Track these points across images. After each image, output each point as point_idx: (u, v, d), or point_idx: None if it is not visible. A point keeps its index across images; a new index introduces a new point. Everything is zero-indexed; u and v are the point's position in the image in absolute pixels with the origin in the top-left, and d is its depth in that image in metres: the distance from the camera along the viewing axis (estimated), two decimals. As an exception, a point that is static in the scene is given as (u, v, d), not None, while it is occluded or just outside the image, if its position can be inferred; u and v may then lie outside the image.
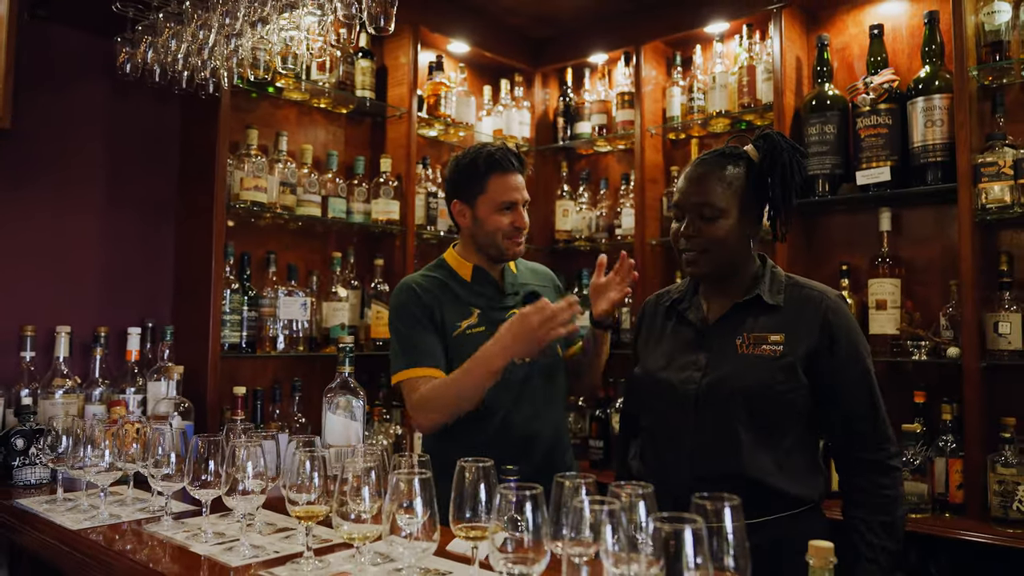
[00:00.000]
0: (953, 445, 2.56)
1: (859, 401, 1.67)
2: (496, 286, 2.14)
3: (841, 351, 1.67)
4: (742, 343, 1.70)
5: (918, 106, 2.72)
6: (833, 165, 2.91)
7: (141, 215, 2.71)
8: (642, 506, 1.05)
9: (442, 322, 2.06)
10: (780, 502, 1.63)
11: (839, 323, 1.68)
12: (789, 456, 1.66)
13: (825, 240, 3.08)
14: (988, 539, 2.33)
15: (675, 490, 1.65)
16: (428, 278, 2.13)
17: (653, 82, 3.48)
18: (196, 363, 2.59)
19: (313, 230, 3.13)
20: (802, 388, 1.66)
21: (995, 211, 2.52)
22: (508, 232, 2.06)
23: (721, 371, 1.69)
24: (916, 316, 2.77)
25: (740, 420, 1.65)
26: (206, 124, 2.64)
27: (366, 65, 3.18)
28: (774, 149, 1.71)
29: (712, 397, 1.68)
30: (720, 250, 1.71)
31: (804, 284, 1.77)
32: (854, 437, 1.68)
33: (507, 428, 2.02)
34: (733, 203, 1.70)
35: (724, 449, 1.66)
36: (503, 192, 2.04)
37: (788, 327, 1.69)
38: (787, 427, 1.68)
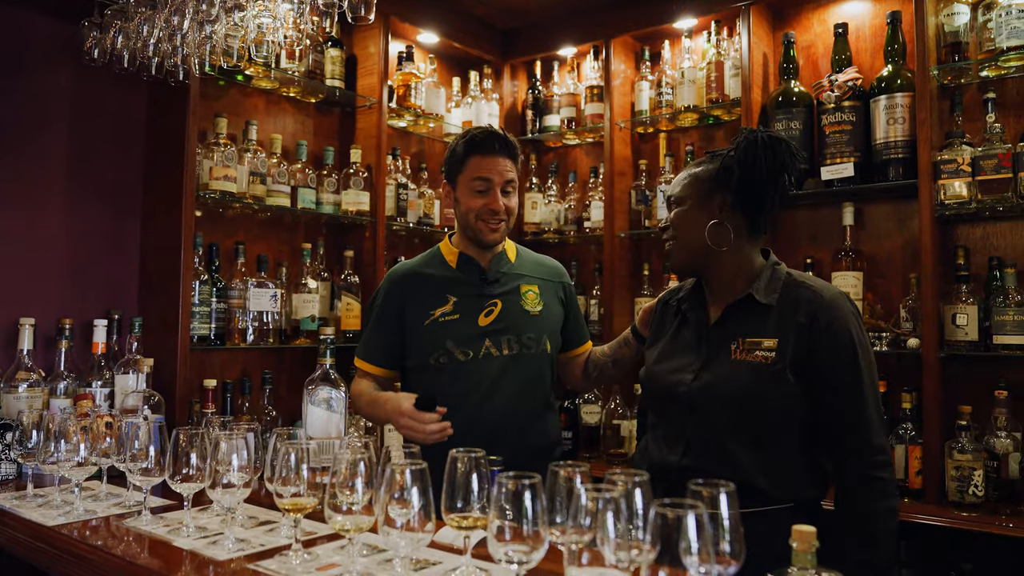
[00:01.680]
0: (913, 433, 2.65)
1: (844, 406, 1.62)
2: (480, 273, 2.13)
3: (828, 355, 1.63)
4: (736, 348, 1.69)
5: (880, 104, 2.79)
6: (799, 160, 2.96)
7: (107, 204, 2.64)
8: (639, 494, 1.07)
9: (409, 316, 2.10)
10: (769, 501, 1.62)
11: (828, 325, 1.63)
12: (780, 463, 1.64)
13: (790, 234, 3.15)
14: (946, 522, 2.42)
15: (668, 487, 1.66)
16: (411, 268, 2.18)
17: (622, 76, 3.51)
18: (165, 355, 2.54)
19: (282, 221, 3.09)
20: (793, 395, 1.63)
21: (954, 207, 2.61)
22: (481, 213, 2.06)
23: (711, 376, 1.70)
24: (878, 308, 2.85)
25: (729, 426, 1.66)
26: (174, 112, 2.58)
27: (336, 54, 3.14)
28: (747, 141, 1.71)
29: (702, 402, 1.69)
30: (683, 238, 1.75)
31: (801, 282, 1.72)
32: (838, 443, 1.64)
33: (476, 421, 2.01)
34: (695, 191, 1.75)
35: (713, 452, 1.67)
36: (478, 170, 2.05)
37: (781, 330, 1.66)
38: (779, 434, 1.66)
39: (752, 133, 1.72)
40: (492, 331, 2.07)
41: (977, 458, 2.46)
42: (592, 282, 3.59)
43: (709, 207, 1.74)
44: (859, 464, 1.60)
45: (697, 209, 1.75)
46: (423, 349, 2.08)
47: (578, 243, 3.73)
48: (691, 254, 1.76)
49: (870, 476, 1.59)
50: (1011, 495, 2.45)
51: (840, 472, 1.64)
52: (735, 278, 1.75)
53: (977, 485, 2.45)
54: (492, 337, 2.07)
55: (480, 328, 2.07)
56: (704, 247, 1.74)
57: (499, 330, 2.07)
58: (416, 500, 1.17)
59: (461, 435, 2.00)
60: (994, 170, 2.53)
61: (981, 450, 2.48)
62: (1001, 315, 2.52)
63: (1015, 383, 2.56)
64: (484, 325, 2.08)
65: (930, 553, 2.60)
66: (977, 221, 2.75)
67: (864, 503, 1.58)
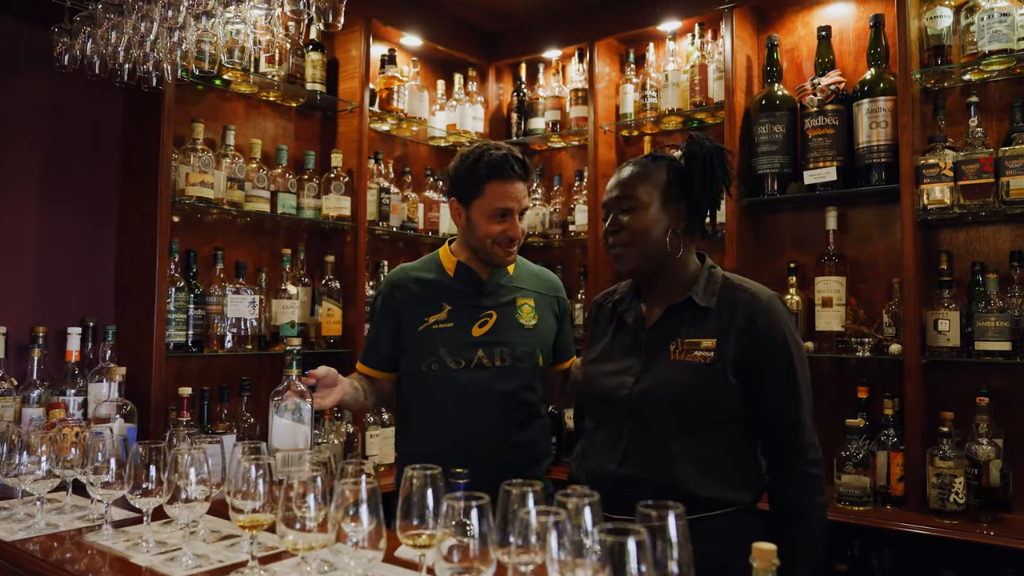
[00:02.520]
0: (895, 439, 2.63)
1: (782, 406, 1.66)
2: (477, 284, 2.11)
3: (765, 355, 1.65)
4: (675, 349, 1.70)
5: (863, 108, 2.77)
6: (782, 164, 2.95)
7: (82, 211, 2.62)
8: (588, 513, 1.05)
9: (405, 320, 2.09)
10: (708, 507, 1.62)
11: (766, 326, 1.66)
12: (720, 464, 1.66)
13: (774, 238, 3.13)
14: (927, 530, 2.40)
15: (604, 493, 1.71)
16: (409, 272, 2.17)
17: (607, 79, 3.49)
18: (140, 363, 2.52)
19: (262, 226, 3.07)
20: (733, 394, 1.65)
21: (936, 211, 2.59)
22: (500, 240, 2.03)
23: (653, 378, 1.70)
24: (860, 313, 2.83)
25: (670, 428, 1.66)
26: (150, 118, 2.56)
27: (316, 58, 3.12)
28: (694, 146, 1.73)
29: (643, 404, 1.69)
30: (642, 243, 1.72)
31: (738, 285, 1.74)
32: (774, 442, 1.69)
33: (465, 430, 2.01)
34: (653, 195, 1.73)
35: (653, 457, 1.66)
36: (499, 199, 1.99)
37: (719, 331, 1.68)
38: (718, 435, 1.67)
39: (703, 142, 1.73)
40: (485, 342, 2.04)
41: (958, 465, 2.44)
42: (577, 286, 3.57)
43: (668, 215, 1.74)
44: (795, 462, 1.65)
45: (657, 216, 1.73)
46: (416, 355, 2.06)
47: (563, 247, 3.71)
48: (646, 259, 1.74)
49: (806, 473, 1.65)
50: (992, 503, 2.43)
51: (776, 470, 1.68)
52: (676, 281, 1.76)
53: (958, 493, 2.43)
54: (485, 348, 2.04)
55: (474, 338, 2.05)
56: (660, 253, 1.73)
57: (492, 341, 2.05)
58: (366, 517, 1.15)
59: (451, 443, 2.01)
60: (976, 175, 2.51)
61: (962, 457, 2.46)
62: (983, 321, 2.50)
63: (996, 389, 2.55)
64: (478, 336, 2.06)
65: (911, 561, 2.58)
66: (960, 226, 2.73)
67: (800, 498, 1.64)
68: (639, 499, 1.67)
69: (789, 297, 2.95)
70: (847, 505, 2.60)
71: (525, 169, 2.03)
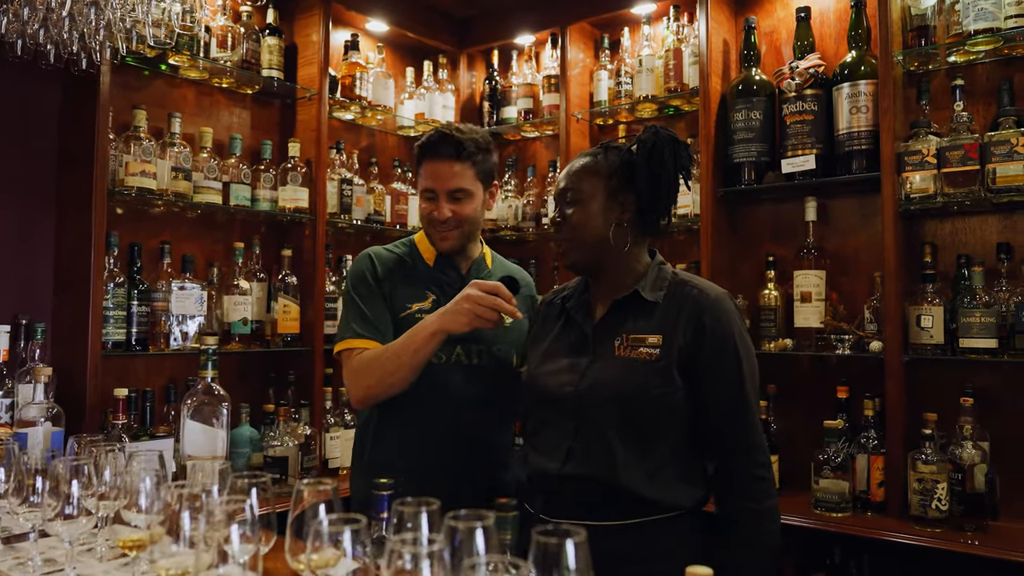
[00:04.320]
0: (875, 442, 2.49)
1: (727, 405, 1.59)
2: (459, 277, 2.00)
3: (711, 352, 1.59)
4: (620, 345, 1.63)
5: (843, 92, 2.63)
6: (759, 152, 2.81)
7: (12, 202, 2.47)
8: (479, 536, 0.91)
9: (389, 299, 1.96)
10: (652, 509, 1.57)
11: (713, 323, 1.59)
12: (665, 464, 1.60)
13: (751, 230, 2.98)
14: (908, 539, 2.26)
15: (545, 494, 1.64)
16: (389, 253, 2.04)
17: (580, 65, 3.34)
18: (76, 363, 2.38)
19: (214, 219, 2.93)
20: (678, 392, 1.59)
21: (918, 201, 2.45)
22: (430, 220, 1.94)
23: (598, 375, 1.62)
24: (840, 309, 2.69)
25: (613, 426, 1.59)
26: (86, 104, 2.42)
27: (273, 43, 2.98)
28: (644, 136, 1.66)
29: (587, 402, 1.61)
30: (583, 236, 1.66)
31: (687, 282, 1.68)
32: (720, 443, 1.61)
33: (437, 428, 1.91)
34: (598, 187, 1.66)
35: (596, 456, 1.59)
36: (426, 178, 1.95)
37: (666, 327, 1.61)
38: (664, 433, 1.60)
39: (657, 132, 1.65)
40: (464, 339, 1.91)
41: (941, 469, 2.30)
42: (551, 281, 3.42)
43: (613, 207, 1.67)
44: (742, 463, 1.58)
45: (600, 209, 1.66)
46: None
47: (537, 240, 3.57)
48: (589, 254, 1.68)
49: (753, 475, 1.58)
50: (977, 509, 2.28)
51: (723, 472, 1.62)
52: (624, 276, 1.69)
53: (941, 499, 2.29)
54: (464, 345, 1.93)
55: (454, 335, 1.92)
56: (603, 247, 1.66)
57: (471, 338, 1.92)
58: (236, 537, 1.02)
59: (422, 440, 1.91)
60: (960, 162, 2.36)
61: (946, 461, 2.32)
62: (968, 317, 2.36)
63: (982, 389, 2.40)
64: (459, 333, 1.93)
65: (891, 571, 2.44)
66: (946, 216, 2.59)
67: (748, 502, 1.57)
68: (584, 499, 1.59)
69: (767, 292, 2.81)
70: (825, 511, 2.46)
71: (460, 148, 1.91)
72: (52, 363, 2.44)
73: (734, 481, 1.59)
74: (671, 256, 3.14)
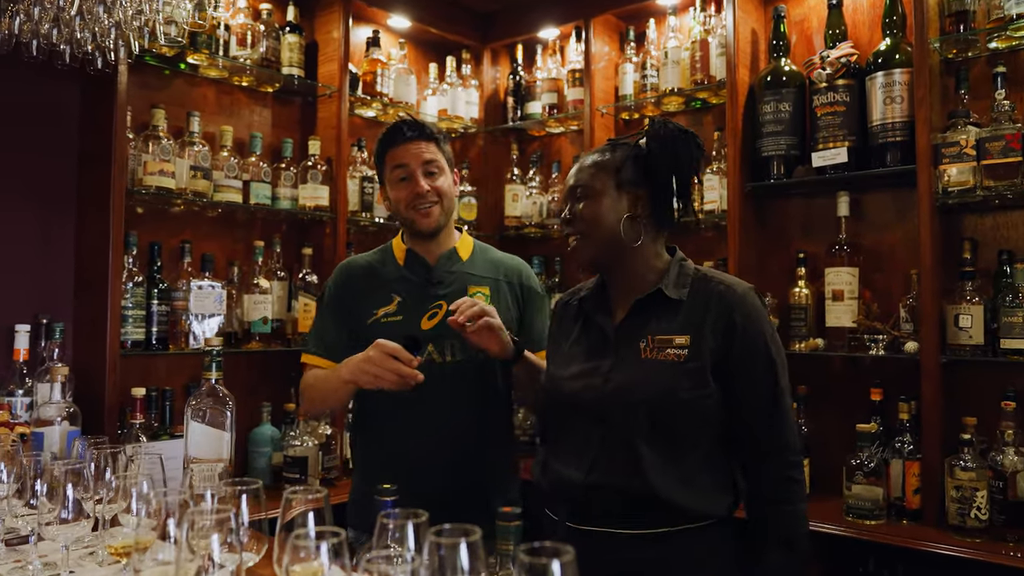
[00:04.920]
0: (911, 447, 2.38)
1: (760, 405, 1.54)
2: (426, 272, 1.96)
3: (743, 351, 1.53)
4: (646, 347, 1.56)
5: (877, 82, 2.52)
6: (789, 146, 2.71)
7: (36, 203, 2.49)
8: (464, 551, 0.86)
9: (355, 311, 1.95)
10: (683, 517, 1.51)
11: (744, 321, 1.54)
12: (697, 471, 1.53)
13: (781, 226, 2.88)
14: (945, 549, 2.16)
15: (570, 502, 1.57)
16: (362, 261, 2.07)
17: (605, 59, 3.27)
18: (95, 362, 2.39)
19: (235, 218, 2.92)
20: (711, 394, 1.52)
21: (956, 194, 2.33)
22: (409, 202, 1.93)
23: (623, 379, 1.56)
24: (874, 307, 2.58)
25: (641, 433, 1.52)
26: (105, 104, 2.42)
27: (294, 40, 2.96)
28: (655, 129, 1.62)
29: (613, 408, 1.55)
30: (594, 232, 1.60)
31: (712, 277, 1.62)
32: (752, 444, 1.56)
33: (414, 432, 1.87)
34: (607, 183, 1.61)
35: (624, 465, 1.52)
36: (392, 161, 1.96)
37: (693, 327, 1.55)
38: (695, 438, 1.54)
39: (665, 125, 1.61)
40: (436, 335, 1.89)
41: (981, 476, 2.19)
42: (576, 279, 3.35)
43: (622, 201, 1.61)
44: (775, 465, 1.54)
45: (610, 203, 1.61)
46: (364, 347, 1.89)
47: (563, 238, 3.47)
48: (601, 250, 1.62)
49: (787, 477, 1.53)
50: (1019, 519, 2.16)
51: (754, 474, 1.56)
52: (643, 274, 1.64)
53: (980, 508, 2.18)
54: (436, 342, 1.89)
55: (423, 332, 1.89)
56: (615, 243, 1.61)
57: (443, 334, 1.88)
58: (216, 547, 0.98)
59: (397, 448, 1.88)
60: (1001, 153, 2.25)
61: (986, 467, 2.21)
62: (1009, 316, 2.24)
63: (1025, 392, 2.28)
64: (427, 328, 1.90)
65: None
66: (987, 211, 2.46)
67: (781, 504, 1.52)
68: (611, 509, 1.53)
69: (797, 290, 2.71)
70: (857, 519, 2.37)
71: (419, 128, 1.96)
72: (73, 362, 2.46)
73: (765, 483, 1.54)
74: (698, 253, 3.06)
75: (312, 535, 0.93)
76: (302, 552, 0.94)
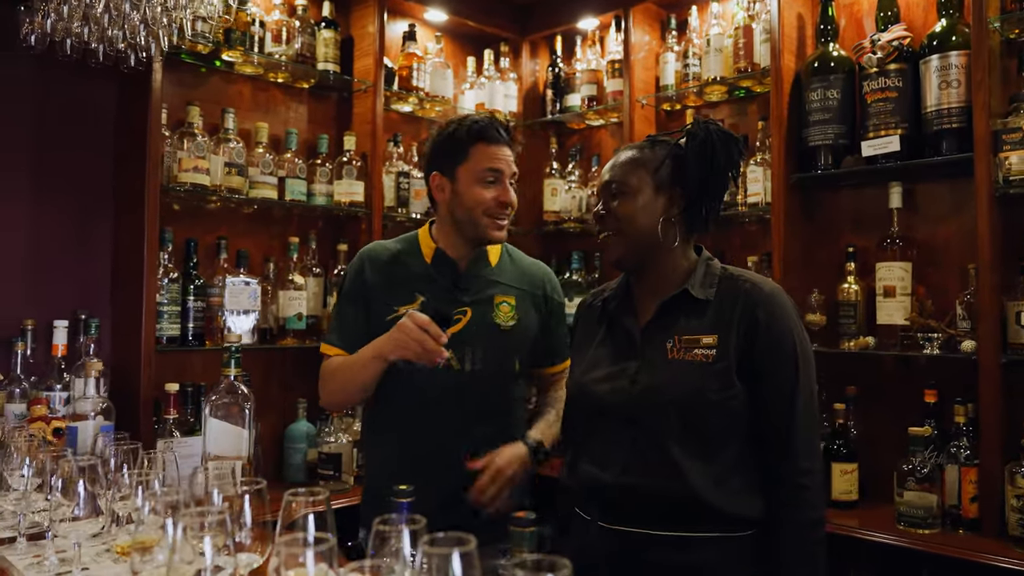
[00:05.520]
0: (967, 452, 2.25)
1: (780, 405, 1.50)
2: (453, 275, 1.90)
3: (765, 349, 1.50)
4: (673, 347, 1.53)
5: (932, 65, 2.38)
6: (837, 135, 2.59)
7: (75, 201, 2.53)
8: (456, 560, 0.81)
9: (375, 304, 1.89)
10: (717, 520, 1.47)
11: (767, 318, 1.51)
12: (729, 472, 1.50)
13: (829, 219, 2.76)
14: (1008, 563, 2.02)
15: (603, 502, 1.53)
16: (385, 250, 1.96)
17: (646, 48, 3.18)
18: (130, 358, 2.42)
19: (271, 214, 2.93)
20: (737, 394, 1.49)
21: (1018, 184, 2.18)
22: (490, 208, 1.83)
23: (651, 380, 1.53)
24: (929, 304, 2.44)
25: (673, 434, 1.49)
26: (140, 101, 2.45)
27: (329, 36, 2.95)
28: (694, 129, 1.58)
29: (642, 409, 1.52)
30: (630, 231, 1.56)
31: (738, 276, 1.59)
32: (770, 446, 1.52)
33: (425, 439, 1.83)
34: (645, 181, 1.57)
35: (657, 467, 1.49)
36: (488, 160, 1.83)
37: (720, 326, 1.53)
38: (726, 439, 1.51)
39: (706, 125, 1.58)
40: (457, 342, 1.82)
41: (1045, 485, 2.05)
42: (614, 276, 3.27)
43: (659, 201, 1.58)
44: (789, 468, 1.49)
45: (646, 202, 1.57)
46: None
47: (601, 233, 3.42)
48: (634, 250, 1.59)
49: (797, 483, 1.49)
50: (1087, 531, 2.02)
51: (771, 476, 1.52)
52: (671, 274, 1.61)
53: (1043, 518, 2.04)
54: (456, 349, 1.83)
55: None
56: (650, 243, 1.58)
57: (464, 342, 1.84)
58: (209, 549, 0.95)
59: (407, 454, 1.83)
60: (1068, 138, 2.09)
61: (1050, 475, 2.06)
62: (1076, 313, 2.09)
63: (1094, 396, 2.13)
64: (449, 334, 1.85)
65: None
66: (1052, 201, 2.31)
67: (790, 509, 1.48)
68: (645, 509, 1.47)
69: (846, 286, 2.59)
70: (909, 527, 2.24)
71: (509, 135, 1.88)
72: (111, 358, 2.50)
73: (780, 486, 1.50)
74: (742, 247, 2.97)
75: (302, 540, 0.89)
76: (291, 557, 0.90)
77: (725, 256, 2.97)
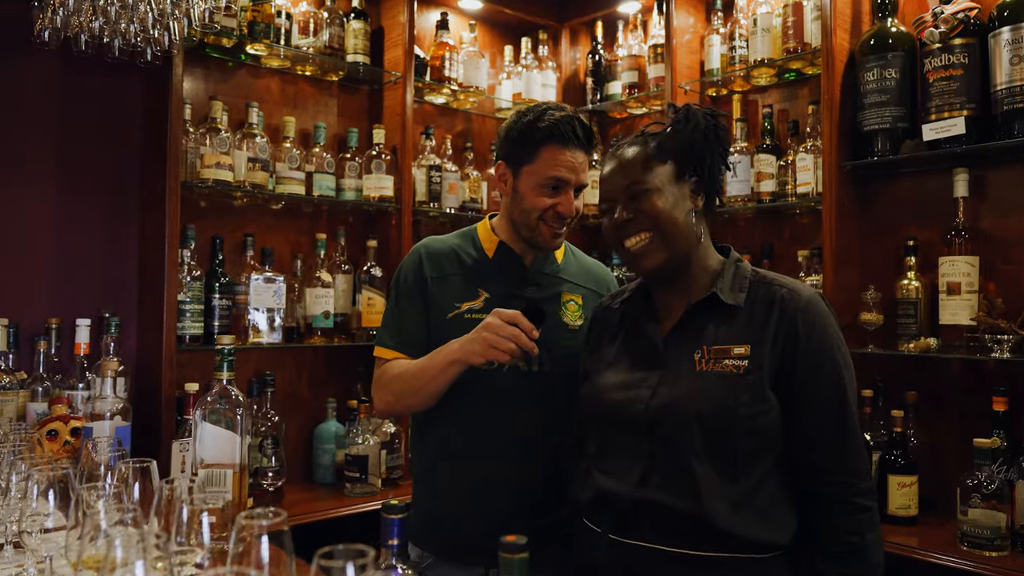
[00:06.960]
0: (1042, 466, 2.03)
1: (826, 426, 1.39)
2: (520, 270, 1.80)
3: (808, 364, 1.39)
4: (701, 358, 1.41)
5: (1002, 38, 2.16)
6: (895, 118, 2.38)
7: (102, 198, 2.51)
8: None
9: (435, 300, 1.77)
10: (738, 544, 1.35)
11: (808, 330, 1.39)
12: (755, 493, 1.37)
13: (886, 209, 2.55)
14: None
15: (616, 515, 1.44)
16: (442, 245, 1.85)
17: (690, 31, 3.00)
18: (152, 357, 2.39)
19: (300, 210, 2.88)
20: (772, 410, 1.38)
21: (1101, 168, 1.96)
22: (548, 217, 1.71)
23: (674, 392, 1.41)
24: (998, 303, 2.22)
25: (695, 450, 1.37)
26: (164, 96, 2.41)
27: (358, 27, 2.87)
28: (690, 113, 1.49)
29: (662, 422, 1.40)
30: (667, 230, 1.43)
31: (773, 281, 1.47)
32: (815, 468, 1.40)
33: (486, 443, 1.72)
34: (662, 174, 1.45)
35: (677, 484, 1.37)
36: (554, 167, 1.68)
37: (753, 335, 1.41)
38: (756, 458, 1.38)
39: (687, 107, 1.50)
40: None
41: None
42: (658, 271, 3.12)
43: (684, 192, 1.47)
44: (844, 492, 1.38)
45: (675, 195, 1.45)
46: (440, 344, 1.75)
47: (645, 227, 3.26)
48: (675, 250, 1.46)
49: (856, 505, 1.38)
50: None
51: (818, 502, 1.40)
52: (698, 276, 1.50)
53: None
54: None
55: None
56: (688, 240, 1.47)
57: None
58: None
59: (468, 457, 1.73)
60: None
61: None
62: None
63: None
64: None
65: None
66: None
67: (851, 536, 1.37)
68: (661, 524, 1.34)
69: (906, 282, 2.38)
70: (973, 548, 2.04)
71: (589, 138, 1.71)
72: (135, 357, 2.48)
73: (834, 513, 1.38)
74: (791, 241, 2.78)
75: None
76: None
77: (774, 249, 2.79)
